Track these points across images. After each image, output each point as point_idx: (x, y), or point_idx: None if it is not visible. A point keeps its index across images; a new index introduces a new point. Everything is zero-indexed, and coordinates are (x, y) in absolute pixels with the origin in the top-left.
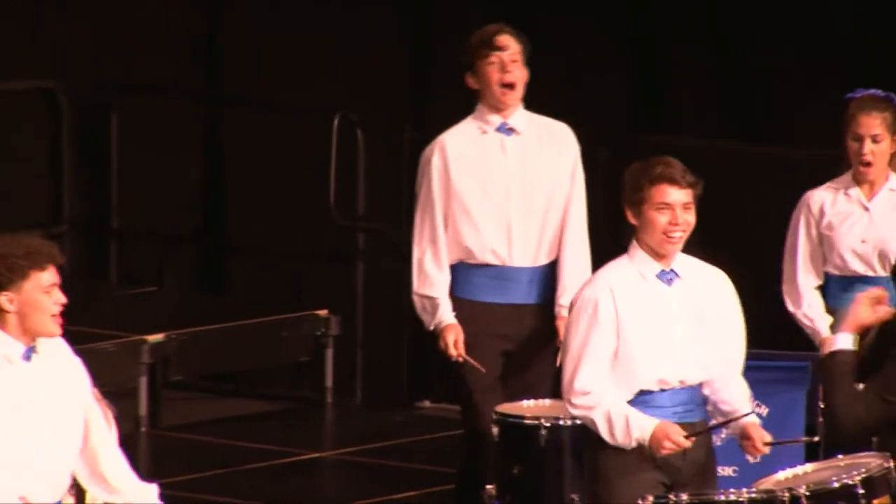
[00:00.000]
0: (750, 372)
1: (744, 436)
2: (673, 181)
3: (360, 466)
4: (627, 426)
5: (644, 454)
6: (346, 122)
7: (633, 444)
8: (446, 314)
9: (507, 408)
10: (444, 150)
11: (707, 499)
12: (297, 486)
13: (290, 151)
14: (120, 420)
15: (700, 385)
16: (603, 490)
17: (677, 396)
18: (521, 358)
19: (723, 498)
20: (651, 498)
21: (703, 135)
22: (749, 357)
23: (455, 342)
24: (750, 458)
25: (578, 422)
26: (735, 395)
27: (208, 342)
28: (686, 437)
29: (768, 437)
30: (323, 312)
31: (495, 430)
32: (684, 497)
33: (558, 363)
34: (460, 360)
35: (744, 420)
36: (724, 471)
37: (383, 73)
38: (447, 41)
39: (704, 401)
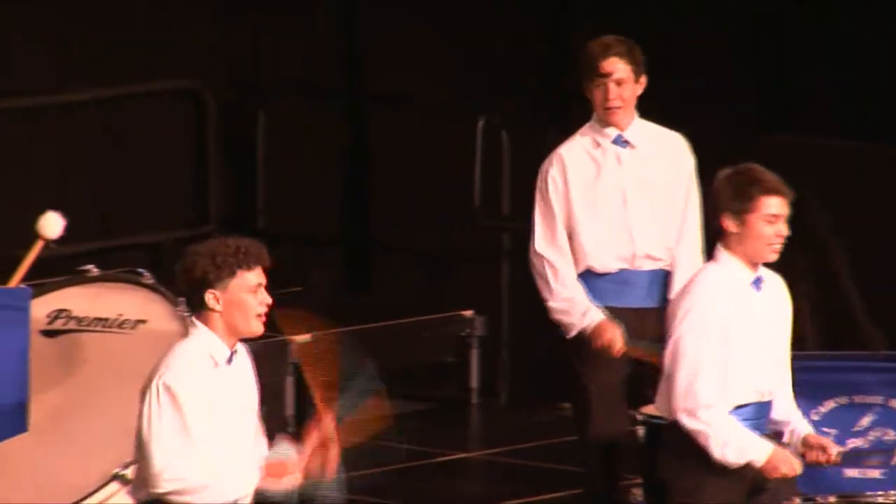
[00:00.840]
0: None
1: (806, 445)
2: (782, 193)
3: (506, 467)
4: (744, 448)
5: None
6: (490, 122)
7: (741, 465)
8: (596, 312)
9: (652, 409)
10: (563, 164)
11: (855, 501)
12: (441, 487)
13: (435, 152)
14: (267, 420)
15: None
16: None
17: (763, 408)
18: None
19: (871, 500)
20: (797, 500)
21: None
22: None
23: (618, 336)
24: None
25: None
26: (787, 406)
27: (354, 342)
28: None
29: (834, 446)
30: (468, 313)
31: (640, 431)
32: (832, 499)
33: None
34: (624, 351)
35: (800, 430)
36: (871, 473)
37: (527, 74)
38: (585, 41)
39: None
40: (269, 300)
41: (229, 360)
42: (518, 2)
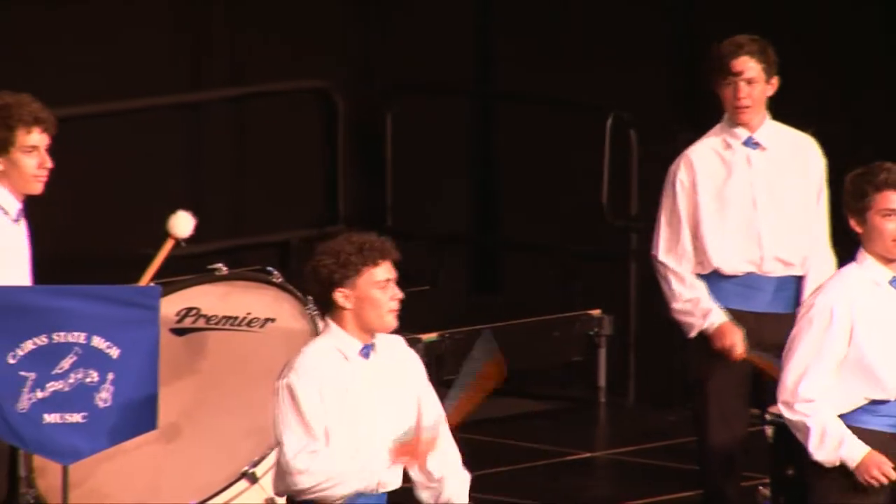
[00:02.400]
0: None
1: None
2: None
3: (633, 466)
4: (840, 445)
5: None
6: (619, 121)
7: (836, 463)
8: (718, 314)
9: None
10: (691, 166)
11: None
12: (569, 486)
13: (563, 150)
14: None
15: None
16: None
17: None
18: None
19: None
20: None
21: None
22: None
23: (739, 340)
24: None
25: None
26: None
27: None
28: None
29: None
30: (596, 312)
31: (769, 431)
32: None
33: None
34: (743, 357)
35: None
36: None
37: (656, 72)
38: (718, 40)
39: None
40: (400, 294)
41: (366, 354)
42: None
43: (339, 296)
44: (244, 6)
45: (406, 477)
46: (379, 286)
